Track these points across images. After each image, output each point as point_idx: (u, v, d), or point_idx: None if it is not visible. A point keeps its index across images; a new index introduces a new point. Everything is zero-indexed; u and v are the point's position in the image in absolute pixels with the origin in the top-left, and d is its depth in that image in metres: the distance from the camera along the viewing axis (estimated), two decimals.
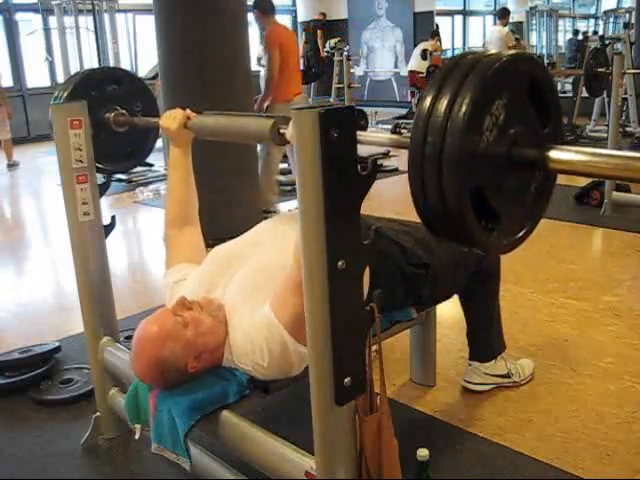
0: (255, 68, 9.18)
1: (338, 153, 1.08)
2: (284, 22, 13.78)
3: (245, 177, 4.25)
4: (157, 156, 5.53)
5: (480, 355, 2.31)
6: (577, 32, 12.22)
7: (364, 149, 1.14)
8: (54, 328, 3.09)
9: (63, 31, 8.73)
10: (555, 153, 0.96)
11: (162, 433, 1.63)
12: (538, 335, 2.76)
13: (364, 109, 1.13)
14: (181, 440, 1.57)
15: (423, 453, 1.56)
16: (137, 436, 1.75)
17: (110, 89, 2.10)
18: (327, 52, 10.56)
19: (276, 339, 1.52)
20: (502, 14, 9.03)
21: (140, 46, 10.55)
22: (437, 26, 12.26)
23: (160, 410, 1.62)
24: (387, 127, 8.95)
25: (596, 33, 11.90)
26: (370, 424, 1.29)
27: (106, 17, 8.84)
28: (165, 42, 4.19)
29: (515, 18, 12.42)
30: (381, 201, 5.04)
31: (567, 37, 14.81)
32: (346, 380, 1.18)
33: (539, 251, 3.77)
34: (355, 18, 13.40)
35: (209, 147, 4.11)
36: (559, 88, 12.11)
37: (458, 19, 15.28)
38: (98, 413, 2.14)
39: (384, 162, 6.77)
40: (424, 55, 9.37)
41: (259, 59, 12.00)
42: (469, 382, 2.33)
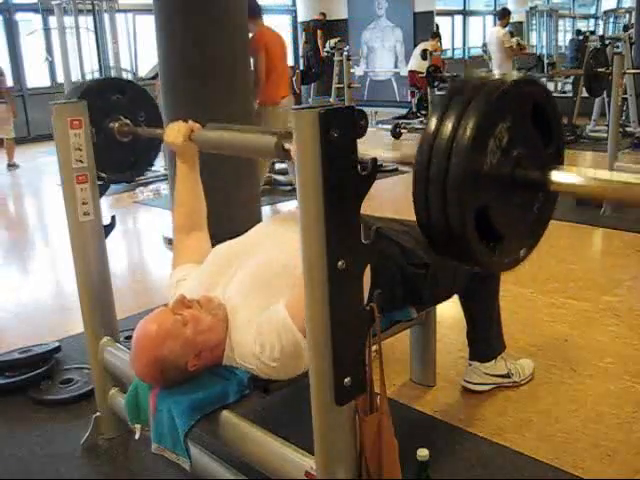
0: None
1: (338, 153, 1.08)
2: (284, 22, 13.88)
3: (245, 177, 4.25)
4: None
5: (480, 355, 2.31)
6: (579, 32, 12.21)
7: (364, 149, 1.14)
8: (54, 328, 3.09)
9: (63, 31, 8.72)
10: (556, 175, 0.97)
11: (162, 433, 1.63)
12: (538, 335, 2.76)
13: (364, 109, 1.13)
14: (181, 440, 1.57)
15: (423, 453, 1.56)
16: (137, 436, 1.75)
17: (114, 99, 2.10)
18: (327, 52, 10.57)
19: (289, 339, 1.50)
20: (502, 15, 8.99)
21: (140, 46, 10.55)
22: (437, 27, 12.27)
23: (160, 410, 1.62)
24: (387, 127, 8.96)
25: (593, 33, 11.90)
26: (370, 424, 1.29)
27: (106, 17, 8.84)
28: (165, 42, 4.18)
29: (515, 18, 12.42)
30: (381, 201, 5.04)
31: (567, 37, 14.84)
32: (346, 380, 1.18)
33: (539, 251, 3.71)
34: (355, 18, 13.40)
35: None
36: (559, 88, 12.13)
37: (458, 19, 15.28)
38: (98, 413, 2.14)
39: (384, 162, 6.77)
40: (424, 55, 9.35)
41: None
42: (469, 382, 2.33)
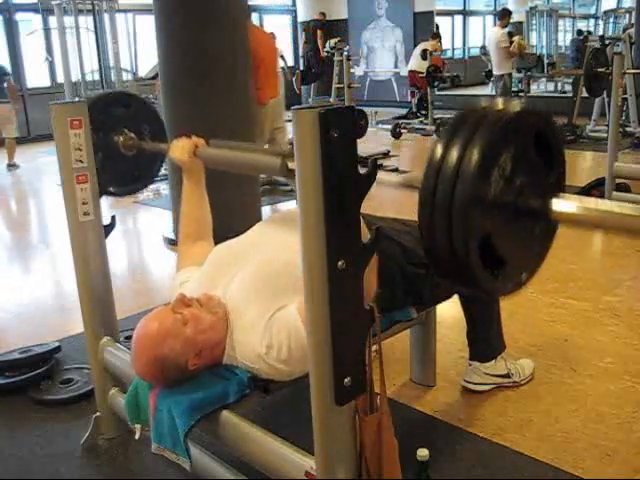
0: None
1: (338, 153, 1.08)
2: (284, 22, 13.87)
3: (244, 176, 4.25)
4: None
5: (480, 355, 2.31)
6: (580, 32, 12.21)
7: (364, 149, 1.15)
8: (54, 328, 3.09)
9: (63, 31, 8.73)
10: (557, 204, 0.99)
11: (162, 433, 1.63)
12: (538, 335, 2.76)
13: (364, 109, 1.14)
14: (181, 440, 1.57)
15: (423, 453, 1.56)
16: (137, 436, 1.75)
17: (119, 112, 2.10)
18: (327, 52, 10.57)
19: (299, 342, 1.49)
20: (502, 15, 8.96)
21: (140, 46, 10.55)
22: (437, 27, 12.27)
23: (160, 410, 1.62)
24: (387, 127, 8.96)
25: (590, 33, 11.90)
26: (370, 424, 1.29)
27: (106, 17, 8.84)
28: (165, 42, 4.19)
29: (515, 18, 12.41)
30: (381, 201, 5.03)
31: (567, 37, 14.84)
32: (346, 380, 1.18)
33: None
34: (355, 18, 13.40)
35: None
36: (559, 88, 12.14)
37: (458, 19, 15.29)
38: (98, 413, 2.14)
39: (384, 162, 6.78)
40: (424, 55, 9.35)
41: None
42: (469, 382, 2.33)
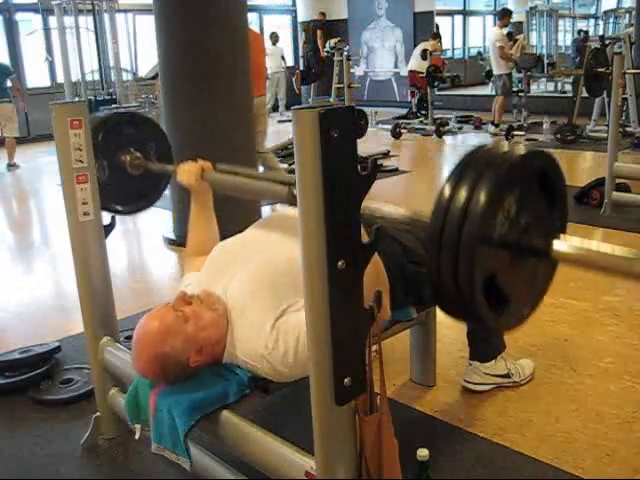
0: None
1: (338, 153, 1.08)
2: (284, 22, 13.87)
3: None
4: None
5: (480, 355, 2.31)
6: (581, 32, 12.21)
7: (364, 149, 1.15)
8: (54, 328, 3.09)
9: (63, 31, 8.73)
10: (559, 244, 1.02)
11: (162, 433, 1.63)
12: (538, 335, 2.76)
13: (364, 109, 1.14)
14: (181, 440, 1.57)
15: (423, 453, 1.56)
16: (137, 436, 1.75)
17: (126, 131, 2.13)
18: (327, 52, 10.56)
19: (306, 348, 1.49)
20: (501, 15, 8.97)
21: (140, 46, 10.55)
22: (437, 27, 12.26)
23: (160, 410, 1.62)
24: (387, 127, 8.96)
25: (587, 33, 11.89)
26: (370, 424, 1.29)
27: (106, 17, 8.85)
28: (165, 42, 4.19)
29: (515, 18, 12.41)
30: (381, 201, 5.03)
31: (567, 37, 14.84)
32: (346, 380, 1.18)
33: None
34: (355, 18, 13.40)
35: (207, 147, 4.12)
36: (559, 88, 12.14)
37: (458, 19, 15.29)
38: (98, 413, 2.14)
39: (384, 162, 6.77)
40: (424, 55, 9.35)
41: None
42: (469, 382, 2.33)
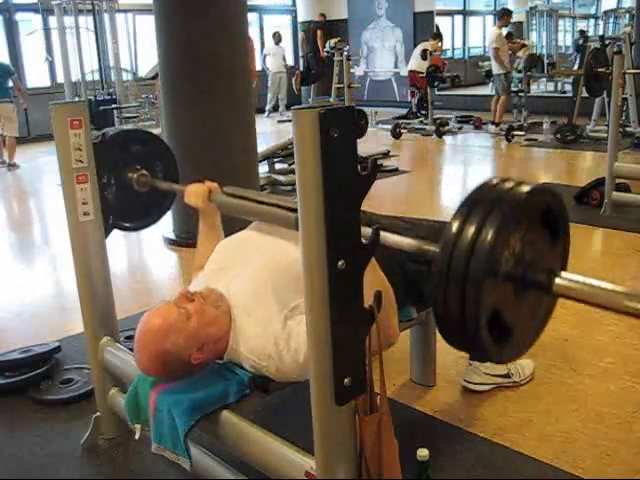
0: (256, 68, 9.21)
1: (338, 153, 1.08)
2: (284, 22, 13.86)
3: (244, 177, 4.25)
4: None
5: None
6: (582, 32, 12.21)
7: (364, 149, 1.15)
8: (54, 328, 3.09)
9: (63, 31, 8.73)
10: (560, 281, 1.05)
11: (162, 433, 1.63)
12: None
13: (364, 109, 1.14)
14: (181, 440, 1.57)
15: (423, 453, 1.56)
16: (137, 436, 1.75)
17: (133, 149, 2.13)
18: (327, 52, 10.56)
19: None
20: (500, 15, 8.97)
21: (140, 46, 10.56)
22: (437, 28, 12.25)
23: (160, 410, 1.62)
24: (387, 127, 8.96)
25: (584, 32, 11.90)
26: (370, 424, 1.29)
27: (106, 17, 8.84)
28: (165, 42, 4.19)
29: (515, 18, 12.40)
30: (381, 201, 5.03)
31: (567, 37, 14.85)
32: (346, 380, 1.18)
33: None
34: (355, 18, 13.39)
35: (207, 147, 4.13)
36: (559, 88, 12.13)
37: (458, 19, 15.29)
38: (98, 413, 2.14)
39: (384, 162, 6.77)
40: (424, 55, 9.35)
41: (265, 56, 12.05)
42: (469, 382, 2.33)
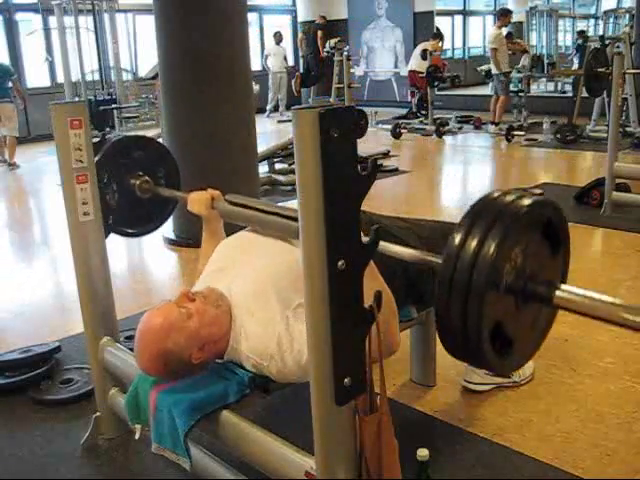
0: (255, 68, 9.21)
1: (338, 153, 1.08)
2: (284, 22, 13.85)
3: (243, 176, 4.25)
4: None
5: None
6: (582, 32, 12.22)
7: (364, 149, 1.15)
8: (54, 328, 3.08)
9: (63, 31, 8.73)
10: (561, 293, 1.06)
11: (162, 433, 1.63)
12: None
13: (364, 109, 1.14)
14: (181, 440, 1.57)
15: (423, 453, 1.56)
16: (137, 436, 1.75)
17: (135, 155, 2.16)
18: (327, 52, 10.55)
19: None
20: (499, 15, 8.97)
21: (140, 46, 10.56)
22: (437, 29, 12.24)
23: (160, 410, 1.62)
24: (387, 127, 8.96)
25: (583, 32, 11.90)
26: (370, 424, 1.29)
27: (106, 17, 8.85)
28: (165, 42, 4.19)
29: (515, 18, 12.39)
30: (381, 201, 5.03)
31: (567, 37, 14.84)
32: (346, 380, 1.18)
33: None
34: (355, 18, 13.39)
35: (207, 147, 4.12)
36: (559, 88, 12.12)
37: (458, 19, 15.29)
38: (98, 413, 2.14)
39: (384, 162, 6.77)
40: (424, 55, 9.35)
41: (267, 56, 12.02)
42: (469, 382, 2.33)
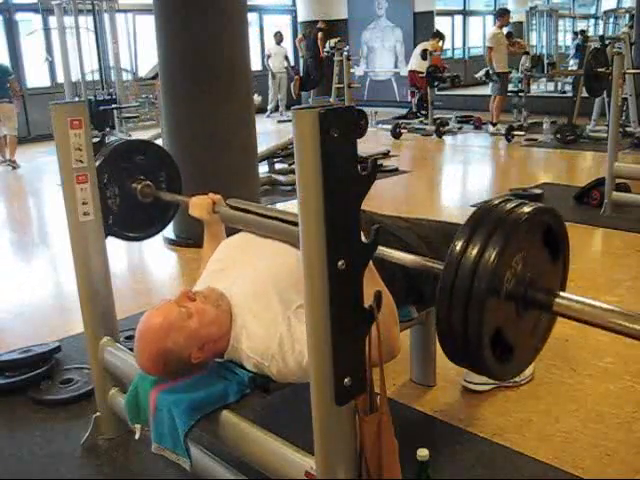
0: (255, 68, 9.21)
1: (338, 153, 1.08)
2: (284, 22, 13.85)
3: (243, 176, 4.26)
4: None
5: None
6: (582, 32, 12.22)
7: (364, 149, 1.15)
8: (54, 328, 3.09)
9: (63, 31, 8.73)
10: (561, 301, 1.08)
11: (162, 433, 1.63)
12: None
13: (364, 109, 1.14)
14: (181, 440, 1.57)
15: (423, 453, 1.56)
16: (137, 436, 1.75)
17: (137, 159, 2.18)
18: (327, 52, 10.55)
19: None
20: (498, 15, 8.97)
21: (140, 46, 10.55)
22: (437, 31, 12.24)
23: (160, 410, 1.62)
24: (387, 127, 8.96)
25: (584, 32, 11.89)
26: (370, 424, 1.29)
27: (106, 17, 8.85)
28: (165, 42, 4.19)
29: (515, 18, 12.39)
30: (381, 201, 5.04)
31: (567, 37, 14.83)
32: (346, 380, 1.18)
33: None
34: (355, 18, 13.39)
35: (207, 147, 4.12)
36: (559, 88, 12.12)
37: (458, 19, 15.29)
38: (98, 413, 2.14)
39: (384, 162, 6.77)
40: (424, 55, 9.35)
41: (268, 56, 11.99)
42: (469, 382, 2.33)
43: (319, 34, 11.91)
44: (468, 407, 2.27)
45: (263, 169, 5.82)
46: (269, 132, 9.79)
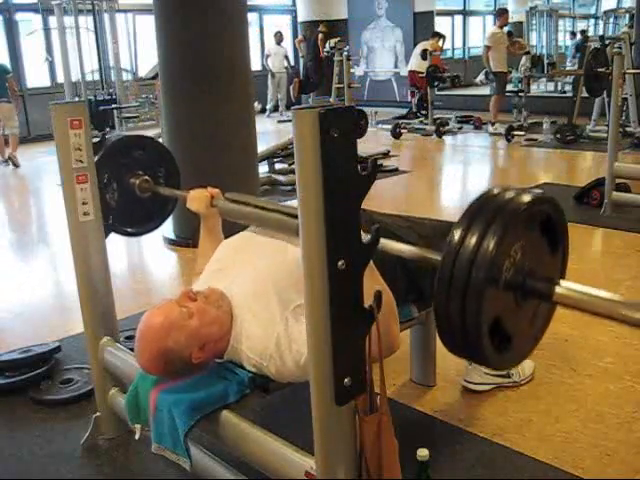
0: (255, 68, 9.20)
1: (338, 153, 1.08)
2: (284, 22, 13.85)
3: (242, 176, 4.25)
4: None
5: None
6: (582, 32, 12.22)
7: (364, 149, 1.15)
8: (54, 328, 3.08)
9: (63, 31, 8.72)
10: (560, 290, 1.07)
11: (162, 433, 1.63)
12: None
13: (364, 109, 1.14)
14: (181, 440, 1.57)
15: (423, 453, 1.56)
16: (137, 436, 1.75)
17: (136, 154, 2.17)
18: (327, 52, 10.55)
19: None
20: (498, 15, 8.97)
21: (140, 46, 10.56)
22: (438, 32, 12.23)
23: (160, 410, 1.62)
24: (387, 127, 8.96)
25: (584, 32, 11.90)
26: (370, 424, 1.29)
27: (106, 17, 8.84)
28: (165, 42, 4.19)
29: (515, 18, 12.39)
30: (381, 201, 5.03)
31: (567, 37, 14.84)
32: (346, 380, 1.18)
33: None
34: (355, 18, 13.39)
35: (207, 147, 4.12)
36: (559, 88, 12.12)
37: (458, 19, 15.29)
38: (98, 413, 2.14)
39: (384, 162, 6.77)
40: (424, 55, 9.35)
41: (267, 56, 11.98)
42: (469, 382, 2.33)
43: (319, 36, 11.91)
44: (468, 407, 2.27)
45: (263, 169, 5.82)
46: (269, 132, 9.78)
